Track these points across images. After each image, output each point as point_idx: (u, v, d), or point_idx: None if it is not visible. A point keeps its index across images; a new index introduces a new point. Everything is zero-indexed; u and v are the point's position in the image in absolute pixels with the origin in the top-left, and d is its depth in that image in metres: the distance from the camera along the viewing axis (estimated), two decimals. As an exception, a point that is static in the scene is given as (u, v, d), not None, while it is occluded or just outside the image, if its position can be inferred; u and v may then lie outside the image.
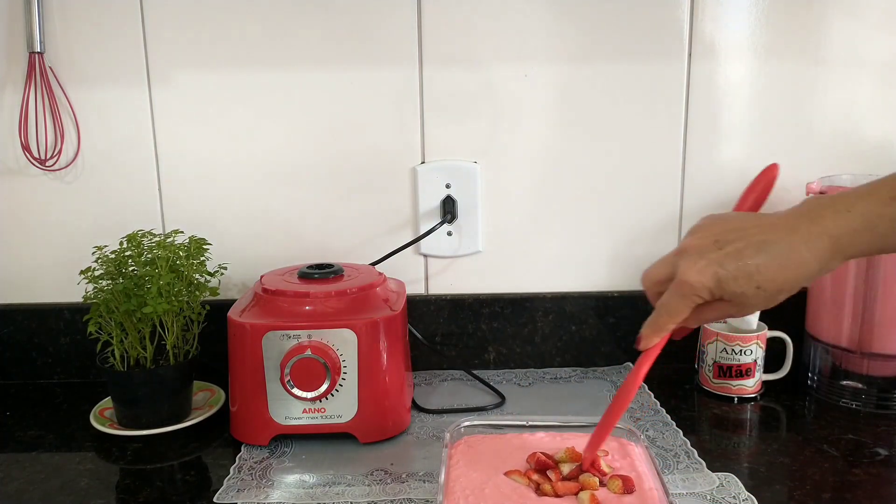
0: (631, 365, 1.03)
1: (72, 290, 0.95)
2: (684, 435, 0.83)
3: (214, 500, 0.71)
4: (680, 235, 1.03)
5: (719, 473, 0.74)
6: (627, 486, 0.61)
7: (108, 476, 0.78)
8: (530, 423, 0.71)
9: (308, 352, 0.78)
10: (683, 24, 0.97)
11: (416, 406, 0.91)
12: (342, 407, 0.81)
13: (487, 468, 0.65)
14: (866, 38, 0.97)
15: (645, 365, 0.61)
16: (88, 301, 0.86)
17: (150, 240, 0.88)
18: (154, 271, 0.84)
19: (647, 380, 0.97)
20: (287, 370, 0.78)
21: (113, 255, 0.86)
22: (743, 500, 0.70)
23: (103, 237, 0.90)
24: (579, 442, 0.69)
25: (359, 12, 0.95)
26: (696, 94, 0.99)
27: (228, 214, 1.01)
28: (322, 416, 0.81)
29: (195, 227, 0.97)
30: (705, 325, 0.95)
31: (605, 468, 0.64)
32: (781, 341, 0.96)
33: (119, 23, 0.95)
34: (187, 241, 0.89)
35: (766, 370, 0.95)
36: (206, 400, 0.93)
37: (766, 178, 0.64)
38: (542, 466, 0.63)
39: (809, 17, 0.97)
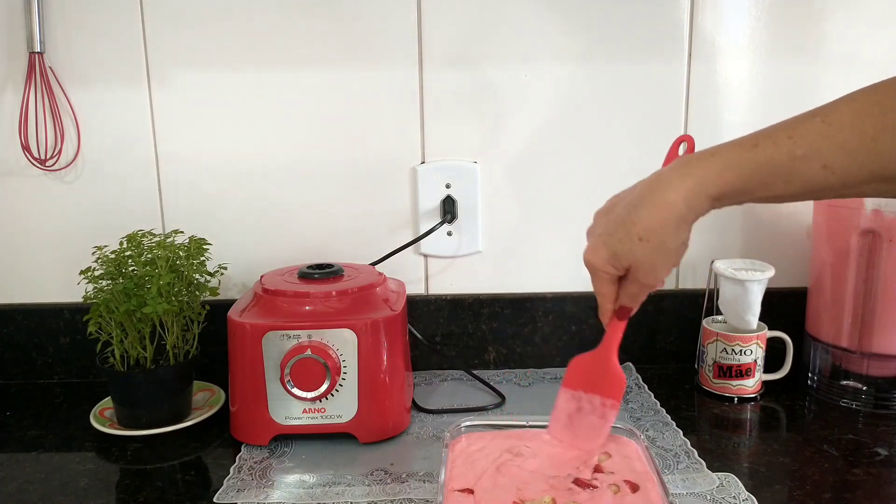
0: (632, 365, 1.04)
1: (72, 290, 0.95)
2: (684, 435, 0.83)
3: (214, 500, 0.71)
4: (680, 235, 1.03)
5: (719, 473, 0.74)
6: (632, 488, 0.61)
7: (108, 476, 0.78)
8: (530, 423, 0.71)
9: (308, 352, 0.78)
10: (683, 24, 0.97)
11: (416, 406, 0.91)
12: (342, 407, 0.81)
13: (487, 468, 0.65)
14: (865, 37, 0.97)
15: (611, 347, 0.66)
16: (88, 301, 0.86)
17: (150, 240, 0.88)
18: (154, 271, 0.84)
19: (647, 380, 0.99)
20: (287, 370, 0.78)
21: (113, 255, 0.86)
22: (743, 500, 0.70)
23: (103, 237, 0.90)
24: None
25: (359, 12, 0.95)
26: (696, 94, 0.99)
27: (228, 214, 1.01)
28: (322, 416, 0.81)
29: (195, 227, 0.97)
30: (705, 326, 0.95)
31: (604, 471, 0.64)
32: (781, 341, 0.96)
33: (119, 23, 0.95)
34: (187, 241, 0.89)
35: (766, 370, 0.95)
36: (206, 400, 0.93)
37: (677, 146, 0.67)
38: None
39: (809, 17, 0.97)
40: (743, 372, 0.92)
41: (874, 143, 0.51)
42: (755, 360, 0.93)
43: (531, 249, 1.03)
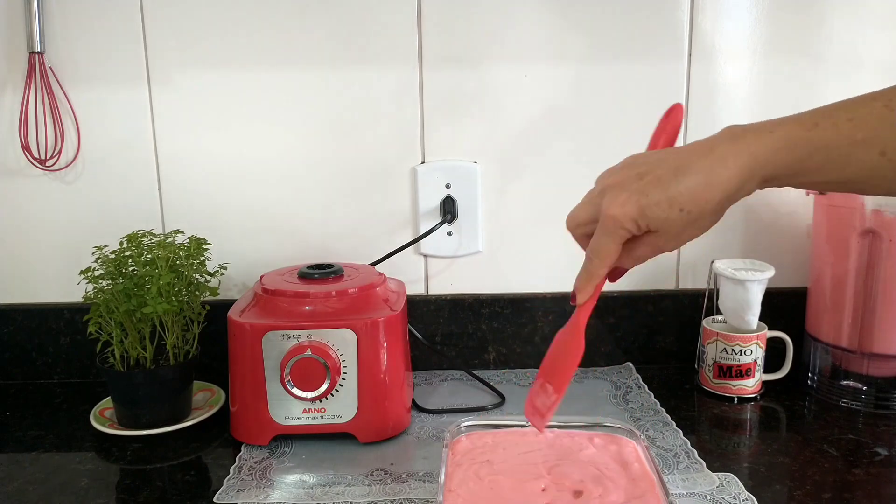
0: (631, 365, 1.03)
1: (72, 290, 0.95)
2: (684, 435, 0.83)
3: (214, 500, 0.71)
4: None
5: (719, 473, 0.74)
6: None
7: (108, 476, 0.78)
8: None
9: (308, 352, 0.78)
10: (683, 25, 0.97)
11: (416, 406, 0.91)
12: (342, 407, 0.81)
13: (487, 468, 0.65)
14: (866, 37, 0.97)
15: (583, 319, 0.61)
16: (88, 301, 0.86)
17: (150, 240, 0.88)
18: (154, 271, 0.84)
19: (647, 380, 0.98)
20: (287, 370, 0.78)
21: (113, 255, 0.86)
22: (743, 500, 0.70)
23: (103, 237, 0.90)
24: (578, 442, 0.69)
25: (359, 12, 0.95)
26: (696, 94, 0.99)
27: (228, 214, 1.01)
28: (322, 416, 0.81)
29: (195, 227, 0.97)
30: (705, 326, 0.95)
31: None
32: (781, 341, 0.96)
33: (119, 23, 0.95)
34: (187, 241, 0.89)
35: (766, 370, 0.95)
36: (206, 400, 0.93)
37: (673, 118, 0.65)
38: None
39: (809, 17, 0.97)
40: (743, 372, 0.92)
41: None
42: (755, 360, 0.93)
43: (531, 249, 1.03)
